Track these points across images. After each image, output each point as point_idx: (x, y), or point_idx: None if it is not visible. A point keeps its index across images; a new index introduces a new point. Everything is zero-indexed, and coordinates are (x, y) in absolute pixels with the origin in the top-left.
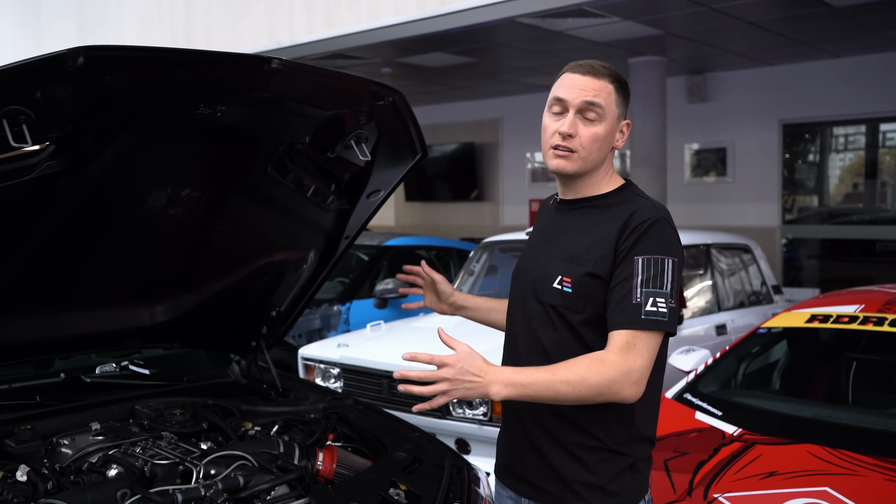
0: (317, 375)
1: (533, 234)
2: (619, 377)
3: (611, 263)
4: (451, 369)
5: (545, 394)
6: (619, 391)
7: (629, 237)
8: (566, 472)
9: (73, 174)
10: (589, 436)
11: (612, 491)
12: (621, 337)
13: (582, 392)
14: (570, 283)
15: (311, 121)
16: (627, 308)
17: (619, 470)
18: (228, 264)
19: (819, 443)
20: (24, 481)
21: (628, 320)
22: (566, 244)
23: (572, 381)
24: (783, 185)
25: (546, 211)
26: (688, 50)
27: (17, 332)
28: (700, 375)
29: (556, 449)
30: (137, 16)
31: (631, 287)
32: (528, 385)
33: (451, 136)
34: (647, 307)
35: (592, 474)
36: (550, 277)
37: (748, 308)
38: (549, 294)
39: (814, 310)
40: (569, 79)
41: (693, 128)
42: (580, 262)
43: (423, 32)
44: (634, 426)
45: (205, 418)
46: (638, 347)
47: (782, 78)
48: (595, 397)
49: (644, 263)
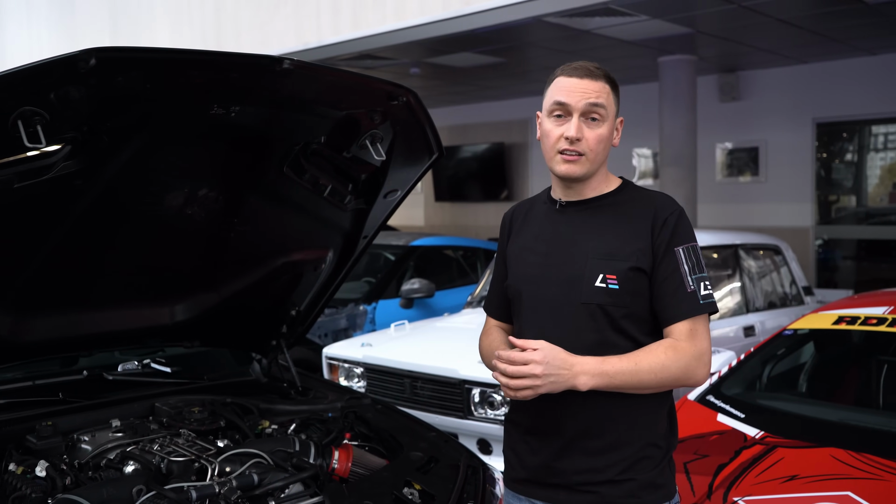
0: (341, 375)
1: (528, 238)
2: (693, 362)
3: (650, 257)
4: (538, 366)
5: (630, 382)
6: (693, 375)
7: (662, 231)
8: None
9: (90, 174)
10: (634, 430)
11: (658, 484)
12: (685, 325)
13: (663, 379)
14: (615, 279)
15: (325, 121)
16: (686, 297)
17: (661, 462)
18: (247, 264)
19: (843, 446)
20: (44, 476)
21: (689, 308)
22: (595, 243)
23: (655, 369)
24: (817, 184)
25: (538, 215)
26: (719, 48)
27: (40, 330)
28: (724, 377)
29: (602, 448)
30: (168, 18)
31: (682, 277)
32: (615, 375)
33: (481, 136)
34: (702, 292)
35: (641, 471)
36: (590, 277)
37: (778, 309)
38: (592, 294)
39: (841, 311)
40: (567, 83)
41: (725, 127)
42: (622, 259)
43: (448, 32)
44: (670, 417)
45: (223, 416)
46: (700, 331)
47: (816, 76)
48: (672, 383)
49: (685, 253)
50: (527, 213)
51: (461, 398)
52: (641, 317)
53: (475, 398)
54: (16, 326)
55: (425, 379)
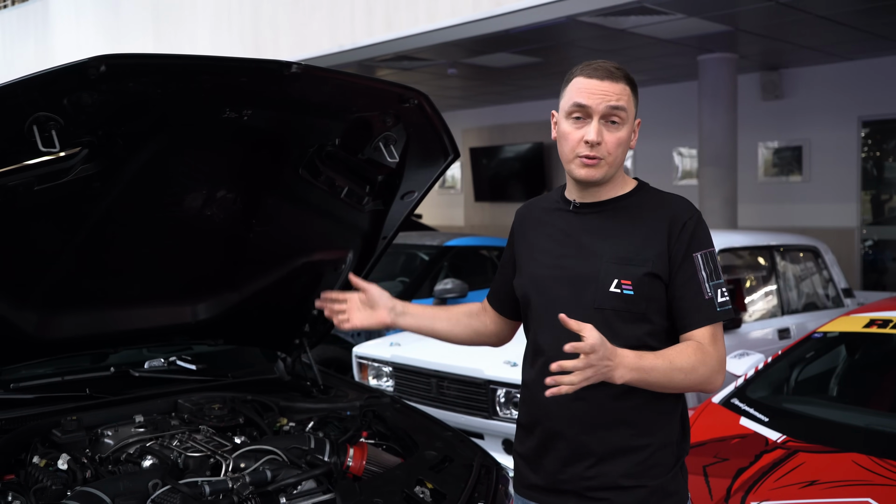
0: (370, 374)
1: (540, 239)
2: (717, 366)
3: (666, 262)
4: (595, 356)
5: (661, 380)
6: (714, 381)
7: (680, 236)
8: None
9: (108, 176)
10: (646, 435)
11: (670, 491)
12: (706, 333)
13: (692, 381)
14: (630, 285)
15: (338, 124)
16: (704, 305)
17: (674, 468)
18: (268, 263)
19: (866, 452)
20: (65, 469)
21: (707, 315)
22: (610, 247)
23: (686, 369)
24: (864, 184)
25: (551, 216)
26: (761, 46)
27: (65, 328)
28: (749, 380)
29: (614, 454)
30: (209, 23)
31: (699, 284)
32: (650, 371)
33: (521, 136)
34: (719, 299)
35: (652, 477)
36: (605, 282)
37: (815, 312)
38: (607, 299)
39: (873, 314)
40: (586, 84)
41: (767, 126)
42: (637, 263)
43: (481, 33)
44: (683, 423)
45: (242, 413)
46: (719, 338)
47: (863, 73)
48: (696, 386)
49: (703, 259)
50: (540, 213)
51: (486, 398)
52: (655, 322)
53: (500, 398)
54: (42, 324)
55: (451, 379)
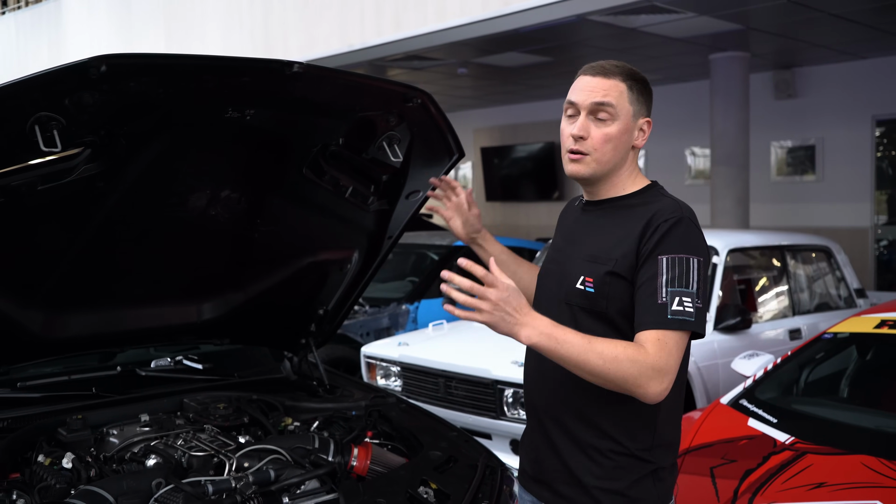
0: (378, 374)
1: (557, 236)
2: (649, 371)
3: (633, 262)
4: (497, 292)
5: (574, 358)
6: (644, 385)
7: (652, 236)
8: (585, 476)
9: (111, 176)
10: (610, 440)
11: (632, 497)
12: (651, 335)
13: (609, 370)
14: (592, 283)
15: (341, 123)
16: (653, 307)
17: (640, 476)
18: (273, 263)
19: (875, 454)
20: (69, 468)
21: (655, 320)
22: (589, 245)
23: (605, 356)
24: (877, 184)
25: (571, 213)
26: (773, 45)
27: (71, 327)
28: (758, 381)
29: (575, 452)
30: (220, 23)
31: (656, 287)
32: (561, 342)
33: (532, 135)
34: (673, 307)
35: (612, 480)
36: (574, 278)
37: (827, 312)
38: (573, 295)
39: (884, 315)
40: (580, 81)
41: (780, 125)
42: (602, 262)
43: (490, 33)
44: (657, 431)
45: (247, 413)
46: (669, 347)
47: (877, 71)
48: (618, 382)
49: (668, 263)
50: (568, 210)
51: (494, 399)
52: (618, 321)
53: (508, 399)
54: (48, 324)
55: (459, 379)
